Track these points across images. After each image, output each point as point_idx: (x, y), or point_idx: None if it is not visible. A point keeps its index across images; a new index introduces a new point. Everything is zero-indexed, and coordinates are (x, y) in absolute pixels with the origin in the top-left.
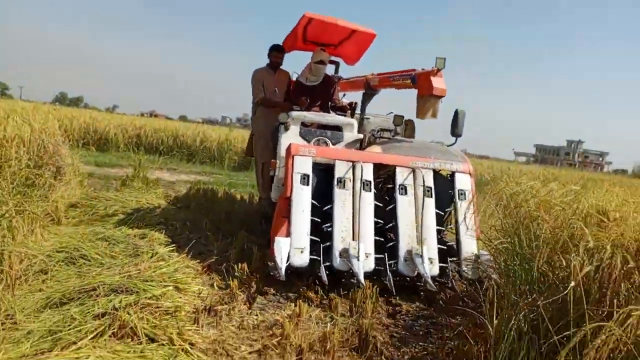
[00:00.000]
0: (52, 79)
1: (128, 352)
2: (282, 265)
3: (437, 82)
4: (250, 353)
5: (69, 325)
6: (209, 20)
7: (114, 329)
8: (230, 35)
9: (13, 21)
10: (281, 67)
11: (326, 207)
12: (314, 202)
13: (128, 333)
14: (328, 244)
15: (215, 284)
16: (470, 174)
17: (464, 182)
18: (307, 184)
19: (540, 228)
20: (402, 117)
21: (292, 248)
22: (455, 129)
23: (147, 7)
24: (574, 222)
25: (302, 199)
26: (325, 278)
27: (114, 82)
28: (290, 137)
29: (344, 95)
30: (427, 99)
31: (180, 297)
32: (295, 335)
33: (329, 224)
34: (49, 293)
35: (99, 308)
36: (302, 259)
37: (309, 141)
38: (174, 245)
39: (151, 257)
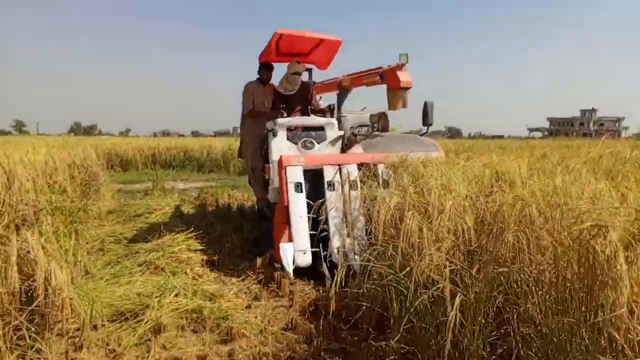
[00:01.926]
0: (65, 109)
1: (160, 278)
2: (290, 268)
3: (403, 76)
4: (237, 281)
5: (124, 270)
6: (216, 32)
7: (151, 270)
8: (234, 43)
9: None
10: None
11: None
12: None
13: (159, 272)
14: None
15: (215, 248)
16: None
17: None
18: (301, 191)
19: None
20: (377, 114)
21: (295, 251)
22: (426, 119)
23: (151, 21)
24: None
25: (299, 205)
26: (327, 273)
27: (125, 106)
28: (279, 142)
29: (320, 97)
30: (396, 91)
31: (191, 254)
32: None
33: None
34: (108, 257)
35: (141, 260)
36: (305, 259)
37: (296, 143)
38: (186, 226)
39: (171, 233)
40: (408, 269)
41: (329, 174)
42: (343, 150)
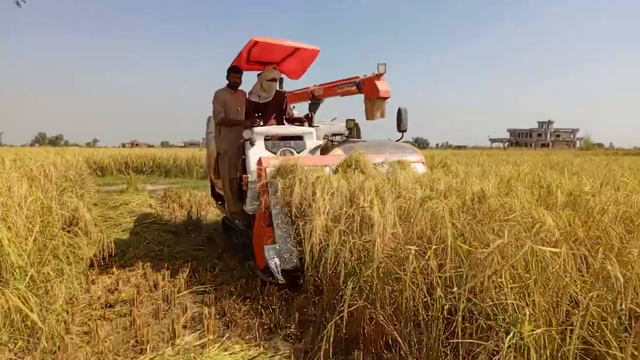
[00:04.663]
0: (29, 120)
1: (138, 237)
2: (278, 270)
3: (382, 86)
4: (186, 235)
5: (114, 232)
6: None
7: (131, 233)
8: (210, 55)
9: None
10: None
11: None
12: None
13: (136, 234)
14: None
15: (174, 223)
16: (423, 162)
17: (420, 170)
18: None
19: None
20: (354, 120)
21: (281, 253)
22: (400, 125)
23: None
24: None
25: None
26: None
27: (92, 116)
28: (257, 151)
29: (294, 107)
30: (375, 101)
31: (157, 225)
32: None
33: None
34: (100, 228)
35: (124, 227)
36: (292, 261)
37: (275, 153)
38: (155, 211)
39: (144, 214)
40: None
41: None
42: None
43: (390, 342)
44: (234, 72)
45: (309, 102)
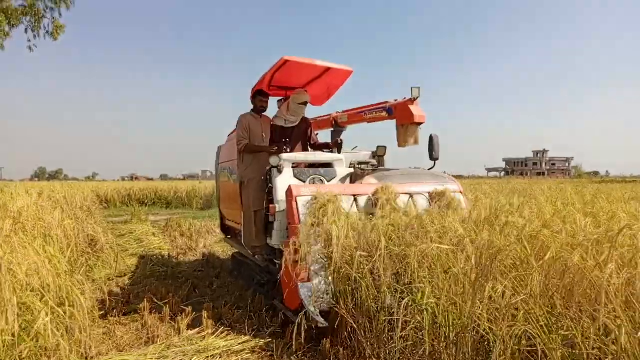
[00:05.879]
0: (27, 154)
1: (144, 260)
2: (316, 310)
3: (416, 110)
4: (184, 256)
5: (124, 255)
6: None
7: (139, 256)
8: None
9: None
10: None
11: None
12: None
13: (143, 258)
14: None
15: (175, 248)
16: (461, 192)
17: (460, 200)
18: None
19: None
20: (385, 147)
21: (317, 292)
22: (433, 153)
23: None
24: None
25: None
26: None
27: (91, 150)
28: (285, 179)
29: (317, 134)
30: (408, 127)
31: (163, 252)
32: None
33: None
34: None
35: (131, 252)
36: (327, 302)
37: (304, 181)
38: (158, 238)
39: (148, 240)
40: None
41: (345, 204)
42: None
43: (351, 331)
44: (261, 96)
45: (331, 129)
